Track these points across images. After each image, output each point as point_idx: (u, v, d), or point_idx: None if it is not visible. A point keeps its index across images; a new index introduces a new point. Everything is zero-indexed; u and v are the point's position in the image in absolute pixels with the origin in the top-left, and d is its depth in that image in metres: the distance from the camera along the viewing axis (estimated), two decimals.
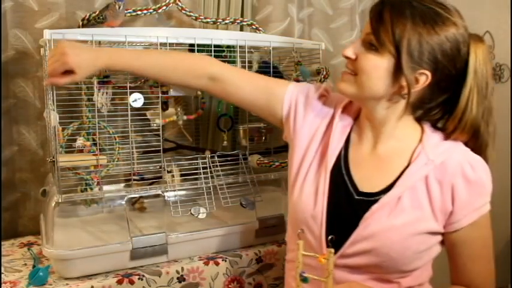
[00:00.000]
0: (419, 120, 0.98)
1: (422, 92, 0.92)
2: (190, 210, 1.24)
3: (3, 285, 1.08)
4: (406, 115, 0.95)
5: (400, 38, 0.86)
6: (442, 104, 0.96)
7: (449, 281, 0.99)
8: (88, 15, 1.28)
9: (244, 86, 1.09)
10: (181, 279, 1.17)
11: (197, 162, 1.30)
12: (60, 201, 1.14)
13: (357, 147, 1.00)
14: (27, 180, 1.44)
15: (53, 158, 1.16)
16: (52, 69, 1.01)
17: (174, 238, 1.20)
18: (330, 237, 0.92)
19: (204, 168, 1.31)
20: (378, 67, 0.89)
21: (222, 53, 1.34)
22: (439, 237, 0.93)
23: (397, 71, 0.88)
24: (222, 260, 1.22)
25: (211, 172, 1.31)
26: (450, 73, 0.90)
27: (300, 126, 1.05)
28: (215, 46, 1.25)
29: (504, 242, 2.34)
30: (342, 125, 1.02)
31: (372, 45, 0.90)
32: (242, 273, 1.25)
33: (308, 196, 0.98)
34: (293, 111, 1.06)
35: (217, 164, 1.33)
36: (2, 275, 1.13)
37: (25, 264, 1.20)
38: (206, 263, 1.21)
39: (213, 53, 1.23)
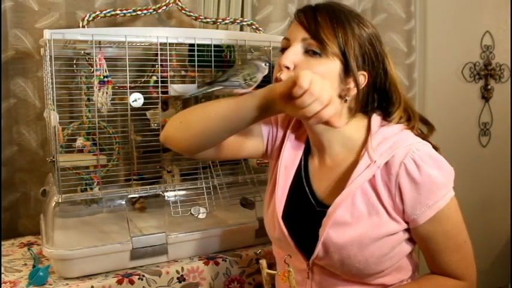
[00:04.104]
0: (364, 112, 0.96)
1: (361, 93, 0.91)
2: (190, 210, 1.24)
3: (3, 285, 1.08)
4: (347, 118, 0.93)
5: (344, 41, 0.87)
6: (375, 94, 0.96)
7: None
8: (88, 15, 1.28)
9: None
10: (181, 279, 1.17)
11: (197, 162, 1.30)
12: (60, 201, 1.14)
13: (312, 160, 1.00)
14: (27, 180, 1.44)
15: (53, 158, 1.16)
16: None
17: (174, 238, 1.20)
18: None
19: (204, 168, 1.31)
20: (323, 73, 0.86)
21: (222, 53, 1.34)
22: (405, 235, 0.91)
23: (344, 73, 0.88)
24: (222, 260, 1.22)
25: (211, 172, 1.31)
26: (378, 68, 0.92)
27: (271, 148, 1.06)
28: (215, 46, 1.25)
29: (504, 242, 2.34)
30: (294, 142, 1.02)
31: (313, 51, 0.87)
32: (242, 273, 1.25)
33: (270, 220, 1.00)
34: (271, 136, 1.06)
35: (217, 163, 1.33)
36: (2, 275, 1.13)
37: (25, 264, 1.20)
38: (206, 263, 1.21)
39: (213, 53, 1.23)
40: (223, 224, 1.30)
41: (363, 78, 0.90)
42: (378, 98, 0.95)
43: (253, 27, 1.52)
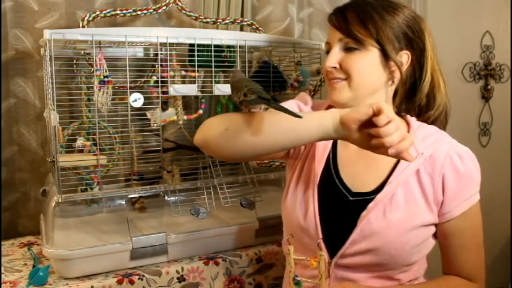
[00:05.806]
0: (399, 114, 1.01)
1: (405, 73, 0.98)
2: (190, 210, 1.24)
3: (3, 285, 1.08)
4: (392, 104, 1.00)
5: (376, 30, 0.92)
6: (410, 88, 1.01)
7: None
8: (88, 15, 1.28)
9: None
10: (181, 279, 1.17)
11: (197, 162, 1.30)
12: (60, 201, 1.14)
13: (344, 148, 1.01)
14: (27, 180, 1.44)
15: (53, 158, 1.16)
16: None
17: (174, 238, 1.20)
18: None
19: (204, 168, 1.31)
20: (366, 64, 0.94)
21: (222, 53, 1.34)
22: (433, 229, 0.95)
23: (385, 59, 0.94)
24: (222, 260, 1.22)
25: (211, 172, 1.31)
26: (423, 48, 0.98)
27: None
28: (215, 46, 1.25)
29: (504, 242, 2.34)
30: None
31: (351, 47, 0.94)
32: (242, 273, 1.25)
33: (298, 209, 0.99)
34: None
35: (217, 163, 1.33)
36: (2, 275, 1.13)
37: (25, 264, 1.20)
38: (206, 263, 1.21)
39: (213, 53, 1.23)
40: (223, 224, 1.30)
41: (406, 57, 0.96)
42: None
43: (253, 27, 1.52)
